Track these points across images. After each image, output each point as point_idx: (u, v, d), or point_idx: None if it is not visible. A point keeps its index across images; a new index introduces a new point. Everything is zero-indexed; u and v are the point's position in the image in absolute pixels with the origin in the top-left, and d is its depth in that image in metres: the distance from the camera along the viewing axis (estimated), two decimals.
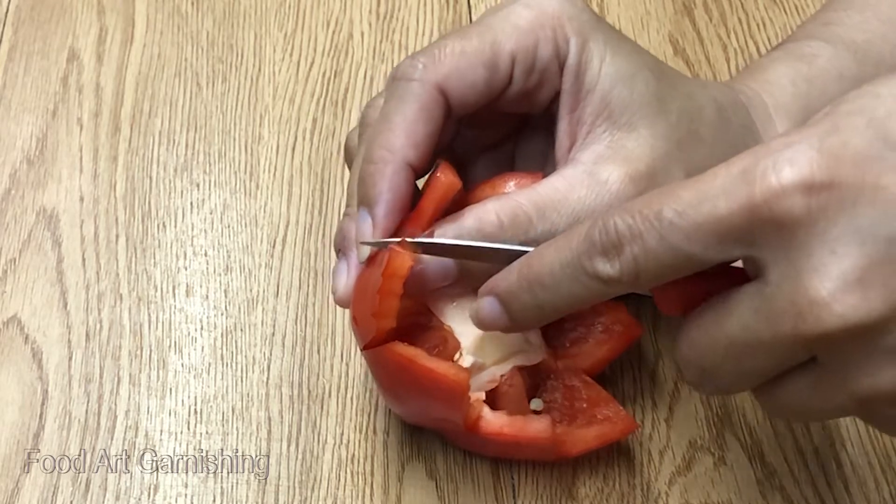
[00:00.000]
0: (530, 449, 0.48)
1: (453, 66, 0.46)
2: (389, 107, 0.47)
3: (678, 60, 0.65)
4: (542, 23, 0.47)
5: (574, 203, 0.45)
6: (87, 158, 0.61)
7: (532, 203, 0.45)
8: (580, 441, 0.48)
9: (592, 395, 0.49)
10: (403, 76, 0.46)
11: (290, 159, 0.61)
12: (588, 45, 0.47)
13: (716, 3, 0.68)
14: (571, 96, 0.47)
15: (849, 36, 0.53)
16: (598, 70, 0.47)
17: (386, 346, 0.45)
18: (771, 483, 0.51)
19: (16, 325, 0.55)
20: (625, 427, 0.48)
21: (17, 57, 0.65)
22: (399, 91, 0.46)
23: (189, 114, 0.63)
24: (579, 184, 0.46)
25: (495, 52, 0.47)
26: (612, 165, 0.46)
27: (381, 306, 0.45)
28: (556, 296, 0.40)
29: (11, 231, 0.58)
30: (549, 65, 0.47)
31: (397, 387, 0.48)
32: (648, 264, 0.37)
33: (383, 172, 0.45)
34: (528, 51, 0.47)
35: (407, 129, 0.46)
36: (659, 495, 0.50)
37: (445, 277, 0.46)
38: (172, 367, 0.54)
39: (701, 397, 0.53)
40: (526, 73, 0.47)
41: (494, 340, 0.48)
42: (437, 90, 0.46)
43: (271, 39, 0.66)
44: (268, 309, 0.56)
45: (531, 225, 0.45)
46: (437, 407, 0.47)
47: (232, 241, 0.58)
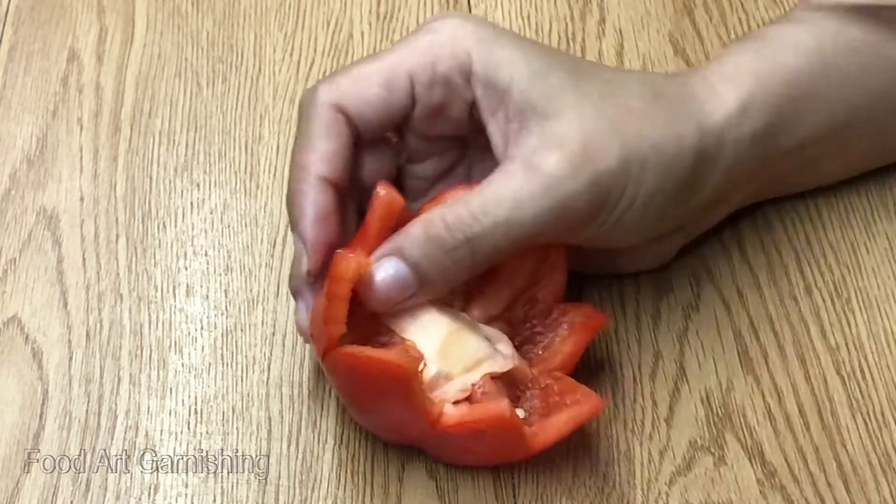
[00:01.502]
0: (499, 439, 0.47)
1: (349, 86, 0.49)
2: (298, 132, 0.49)
3: (678, 60, 0.65)
4: (441, 41, 0.49)
5: (513, 191, 0.46)
6: (87, 158, 0.61)
7: (475, 201, 0.47)
8: (552, 429, 0.48)
9: (564, 387, 0.49)
10: (304, 103, 0.49)
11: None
12: (493, 51, 0.48)
13: (716, 3, 0.68)
14: (487, 101, 0.49)
15: (803, 15, 0.54)
16: (509, 70, 0.48)
17: (336, 350, 0.46)
18: (771, 483, 0.51)
19: (16, 325, 0.55)
20: (592, 407, 0.48)
21: (17, 57, 0.65)
22: (303, 117, 0.49)
23: (189, 114, 0.63)
24: (515, 174, 0.47)
25: (392, 72, 0.49)
26: (546, 151, 0.47)
27: (328, 311, 0.46)
28: None
29: (11, 231, 0.58)
30: (451, 78, 0.49)
31: (355, 391, 0.48)
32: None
33: (300, 189, 0.48)
34: (424, 67, 0.49)
35: (313, 146, 0.48)
36: (659, 495, 0.50)
37: (404, 289, 0.47)
38: (172, 367, 0.54)
39: (701, 397, 0.53)
40: (426, 89, 0.49)
41: (458, 349, 0.48)
42: (334, 109, 0.48)
43: (271, 39, 0.66)
44: (268, 309, 0.56)
45: (475, 220, 0.46)
46: (393, 405, 0.47)
47: (232, 241, 0.58)
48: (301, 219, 0.48)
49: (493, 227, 0.46)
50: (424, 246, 0.46)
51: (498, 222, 0.46)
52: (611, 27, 0.67)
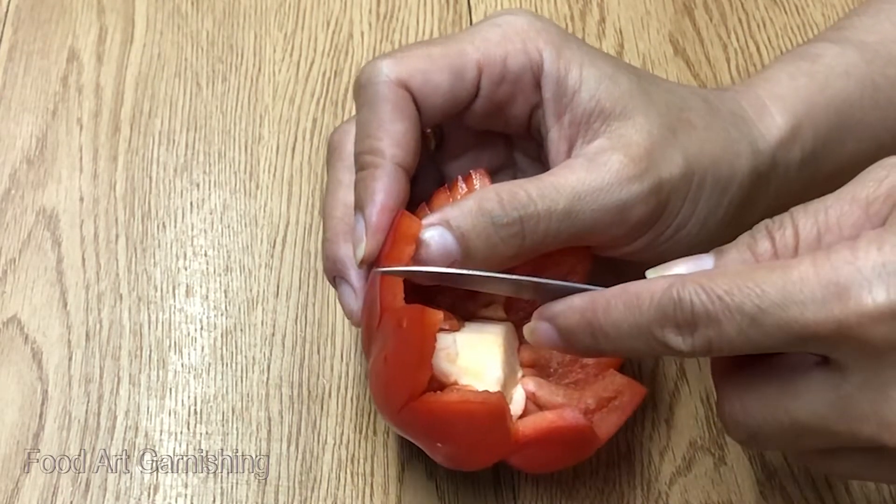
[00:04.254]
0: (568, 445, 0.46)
1: (417, 66, 0.47)
2: (363, 114, 0.47)
3: (678, 60, 0.65)
4: (511, 37, 0.47)
5: (574, 182, 0.45)
6: (87, 158, 0.61)
7: (532, 184, 0.45)
8: (608, 424, 0.47)
9: (595, 375, 0.48)
10: (368, 81, 0.47)
11: (290, 159, 0.61)
12: (563, 52, 0.47)
13: (716, 3, 0.68)
14: (555, 103, 0.47)
15: (857, 37, 0.53)
16: (578, 73, 0.47)
17: (419, 400, 0.44)
18: (771, 483, 0.51)
19: (16, 325, 0.55)
20: (636, 395, 0.47)
21: (17, 57, 0.65)
22: (368, 96, 0.47)
23: (189, 114, 0.63)
24: (579, 168, 0.46)
25: (461, 60, 0.47)
26: (612, 151, 0.46)
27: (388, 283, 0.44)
28: (617, 345, 0.41)
29: (11, 231, 0.58)
30: (522, 76, 0.47)
31: (439, 434, 0.46)
32: (722, 347, 0.38)
33: (374, 175, 0.46)
34: (496, 61, 0.47)
35: (386, 130, 0.46)
36: (659, 495, 0.50)
37: (448, 256, 0.45)
38: (172, 367, 0.54)
39: (701, 397, 0.53)
40: (494, 84, 0.47)
41: (508, 366, 0.47)
42: (402, 88, 0.46)
43: (271, 39, 0.66)
44: (268, 309, 0.56)
45: (531, 201, 0.45)
46: (481, 437, 0.46)
47: (232, 241, 0.58)
48: (369, 203, 0.45)
49: (548, 214, 0.45)
50: (476, 218, 0.44)
51: (554, 209, 0.45)
52: (611, 27, 0.67)
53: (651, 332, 0.39)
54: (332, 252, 0.48)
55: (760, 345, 0.37)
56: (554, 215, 0.45)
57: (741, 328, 0.37)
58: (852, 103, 0.51)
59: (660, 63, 0.65)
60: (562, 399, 0.47)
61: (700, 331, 0.38)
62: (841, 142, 0.51)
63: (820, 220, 0.39)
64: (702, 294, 0.37)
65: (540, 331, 0.43)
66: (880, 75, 0.52)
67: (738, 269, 0.38)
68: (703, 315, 0.37)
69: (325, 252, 0.48)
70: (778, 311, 0.36)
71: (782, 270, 0.37)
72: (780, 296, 0.36)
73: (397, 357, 0.44)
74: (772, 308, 0.36)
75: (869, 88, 0.52)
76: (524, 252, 0.45)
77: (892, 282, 0.35)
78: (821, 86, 0.51)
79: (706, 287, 0.37)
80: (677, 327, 0.38)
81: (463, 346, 0.47)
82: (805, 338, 0.36)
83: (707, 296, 0.37)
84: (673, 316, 0.38)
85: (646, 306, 0.39)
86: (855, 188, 0.39)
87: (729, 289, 0.37)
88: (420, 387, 0.44)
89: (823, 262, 0.36)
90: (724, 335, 0.37)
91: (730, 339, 0.37)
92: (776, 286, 0.36)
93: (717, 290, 0.37)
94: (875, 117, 0.52)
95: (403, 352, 0.44)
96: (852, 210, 0.39)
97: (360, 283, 0.47)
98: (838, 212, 0.39)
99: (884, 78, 0.52)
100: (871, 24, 0.54)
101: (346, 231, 0.47)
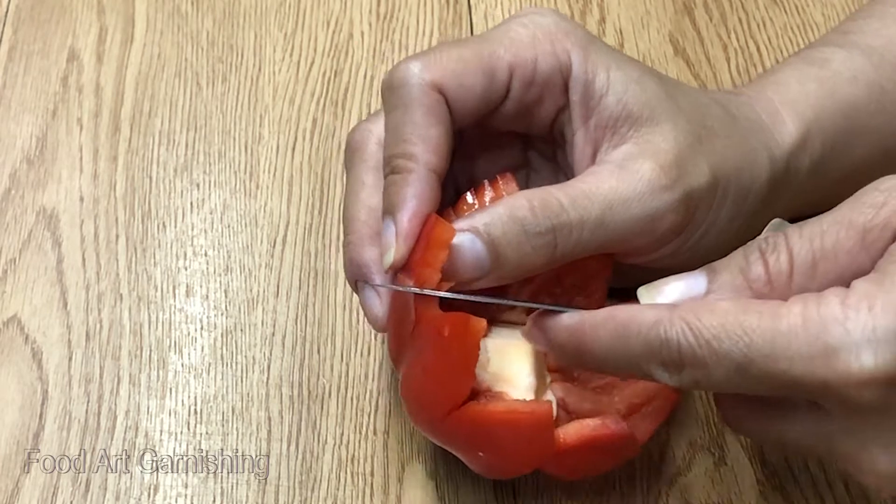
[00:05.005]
0: (608, 452, 0.46)
1: (450, 68, 0.46)
2: (396, 117, 0.46)
3: (678, 60, 0.65)
4: (541, 38, 0.47)
5: (606, 192, 0.45)
6: (87, 158, 0.61)
7: (563, 192, 0.45)
8: (645, 428, 0.47)
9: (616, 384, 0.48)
10: (401, 82, 0.46)
11: (290, 159, 0.61)
12: (591, 55, 0.47)
13: (716, 3, 0.68)
14: (582, 106, 0.47)
15: (865, 41, 0.53)
16: (606, 76, 0.46)
17: (462, 409, 0.44)
18: (771, 483, 0.51)
19: (16, 325, 0.55)
20: (669, 399, 0.47)
21: (17, 57, 0.65)
22: (401, 98, 0.46)
23: (189, 114, 0.63)
24: (610, 175, 0.45)
25: (493, 61, 0.46)
26: (642, 159, 0.45)
27: (420, 277, 0.44)
28: (604, 368, 0.41)
29: (11, 231, 0.58)
30: (552, 78, 0.47)
31: (482, 443, 0.46)
32: (710, 386, 0.38)
33: (407, 180, 0.45)
34: (527, 63, 0.47)
35: (421, 135, 0.45)
36: (659, 495, 0.50)
37: (478, 268, 0.44)
38: (172, 367, 0.54)
39: (701, 397, 0.53)
40: (525, 86, 0.47)
41: (538, 373, 0.47)
42: (436, 91, 0.46)
43: (271, 39, 0.66)
44: (268, 309, 0.56)
45: (563, 210, 0.44)
46: (522, 446, 0.45)
47: (232, 241, 0.58)
48: (402, 208, 0.44)
49: (580, 223, 0.44)
50: (507, 225, 0.43)
51: (586, 218, 0.44)
52: (611, 27, 0.67)
53: (638, 364, 0.39)
54: (356, 256, 0.47)
55: (747, 389, 0.38)
56: (586, 225, 0.44)
57: (728, 374, 0.37)
58: (860, 108, 0.51)
59: (660, 63, 0.65)
60: (590, 405, 0.47)
61: (687, 371, 0.38)
62: (848, 147, 0.51)
63: (815, 245, 0.39)
64: (689, 336, 0.37)
65: (533, 336, 0.44)
66: (888, 80, 0.52)
67: (727, 306, 0.38)
68: (689, 357, 0.38)
69: (349, 255, 0.47)
70: (765, 362, 0.36)
71: (772, 319, 0.37)
72: (769, 347, 0.36)
73: (438, 366, 0.44)
74: (759, 358, 0.36)
75: (876, 93, 0.52)
76: (555, 261, 0.45)
77: (881, 349, 0.35)
78: (829, 91, 0.51)
79: (694, 328, 0.37)
80: (664, 365, 0.38)
81: (494, 353, 0.47)
82: (791, 388, 0.37)
83: (695, 339, 0.37)
84: (660, 354, 0.38)
85: (633, 340, 0.39)
86: (852, 213, 0.39)
87: (717, 333, 0.37)
88: (463, 396, 0.44)
89: (813, 315, 0.36)
90: (711, 378, 0.38)
91: (717, 381, 0.38)
92: (764, 336, 0.36)
93: (706, 334, 0.37)
94: (882, 122, 0.52)
95: (445, 361, 0.44)
96: (849, 236, 0.39)
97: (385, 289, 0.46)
98: (834, 238, 0.39)
99: (891, 83, 0.52)
100: (877, 28, 0.53)
101: (370, 234, 0.47)
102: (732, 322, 0.37)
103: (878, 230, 0.38)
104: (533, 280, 0.48)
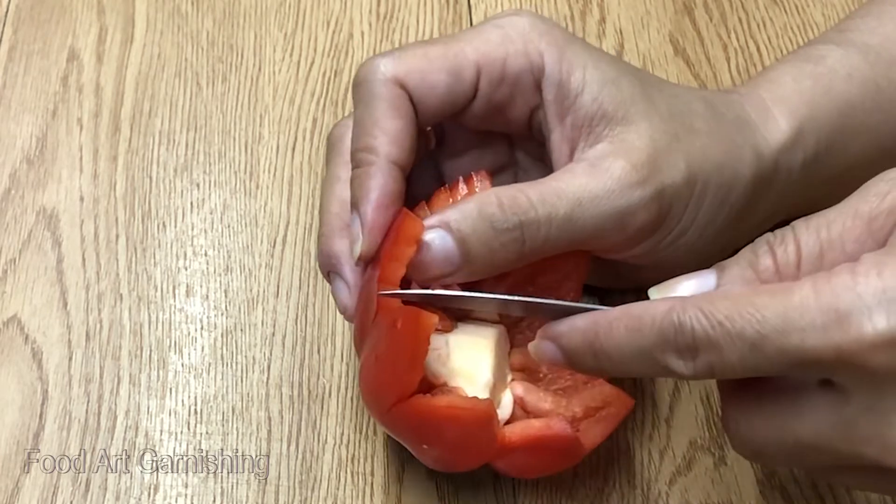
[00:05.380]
0: (554, 453, 0.47)
1: (414, 65, 0.46)
2: (359, 112, 0.47)
3: (678, 60, 0.65)
4: (513, 38, 0.47)
5: (576, 189, 0.45)
6: (87, 158, 0.61)
7: (533, 189, 0.45)
8: (594, 434, 0.47)
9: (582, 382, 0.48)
10: (365, 78, 0.47)
11: (290, 159, 0.61)
12: (566, 54, 0.47)
13: (716, 3, 0.68)
14: (557, 105, 0.47)
15: (861, 39, 0.53)
16: (582, 75, 0.47)
17: (407, 402, 0.44)
18: (771, 483, 0.51)
19: (16, 325, 0.55)
20: (623, 406, 0.47)
21: (17, 57, 0.65)
22: (364, 94, 0.47)
23: (189, 114, 0.63)
24: (582, 173, 0.46)
25: (459, 60, 0.47)
26: (614, 157, 0.46)
27: (385, 271, 0.44)
28: (619, 367, 0.41)
29: (11, 231, 0.58)
30: (521, 77, 0.47)
31: (425, 436, 0.46)
32: (724, 371, 0.38)
33: (369, 173, 0.46)
34: (495, 62, 0.47)
35: (382, 128, 0.46)
36: (659, 495, 0.50)
37: (448, 263, 0.45)
38: (172, 367, 0.54)
39: (701, 397, 0.53)
40: (494, 85, 0.47)
41: (499, 370, 0.47)
42: (398, 86, 0.46)
43: (271, 39, 0.66)
44: (268, 309, 0.56)
45: (531, 206, 0.44)
46: (466, 440, 0.46)
47: (232, 241, 0.58)
48: (364, 201, 0.45)
49: (548, 219, 0.45)
50: (475, 222, 0.44)
51: (554, 215, 0.45)
52: (611, 27, 0.67)
53: (653, 356, 0.39)
54: (326, 247, 0.48)
55: (762, 369, 0.37)
56: (554, 221, 0.45)
57: (742, 354, 0.37)
58: (855, 106, 0.51)
59: (660, 63, 0.65)
60: (549, 405, 0.47)
61: (701, 356, 0.38)
62: (843, 145, 0.51)
63: (822, 235, 0.39)
64: (703, 319, 0.37)
65: (543, 349, 0.43)
66: (883, 78, 0.52)
67: (738, 292, 0.38)
68: (703, 340, 0.37)
69: (320, 247, 0.48)
70: (779, 337, 0.36)
71: (783, 295, 0.36)
72: (781, 321, 0.36)
73: (389, 357, 0.44)
74: (773, 334, 0.36)
75: (872, 91, 0.51)
76: (524, 257, 0.45)
77: (893, 308, 0.35)
78: (824, 89, 0.51)
79: (707, 312, 0.37)
80: (678, 352, 0.38)
81: (454, 348, 0.47)
82: (806, 363, 0.36)
83: (708, 321, 0.37)
84: (674, 341, 0.38)
85: (647, 330, 0.39)
86: (857, 202, 0.39)
87: (730, 314, 0.37)
88: (410, 389, 0.44)
89: (824, 287, 0.36)
90: (725, 360, 0.37)
91: (731, 364, 0.37)
92: (777, 312, 0.36)
93: (718, 316, 0.37)
94: (877, 120, 0.52)
95: (396, 352, 0.44)
96: (855, 225, 0.39)
97: (355, 278, 0.47)
98: (840, 227, 0.39)
99: (887, 81, 0.52)
100: (874, 26, 0.53)
101: (341, 227, 0.48)
102: (744, 302, 0.37)
103: (884, 216, 0.38)
104: (505, 279, 0.48)
